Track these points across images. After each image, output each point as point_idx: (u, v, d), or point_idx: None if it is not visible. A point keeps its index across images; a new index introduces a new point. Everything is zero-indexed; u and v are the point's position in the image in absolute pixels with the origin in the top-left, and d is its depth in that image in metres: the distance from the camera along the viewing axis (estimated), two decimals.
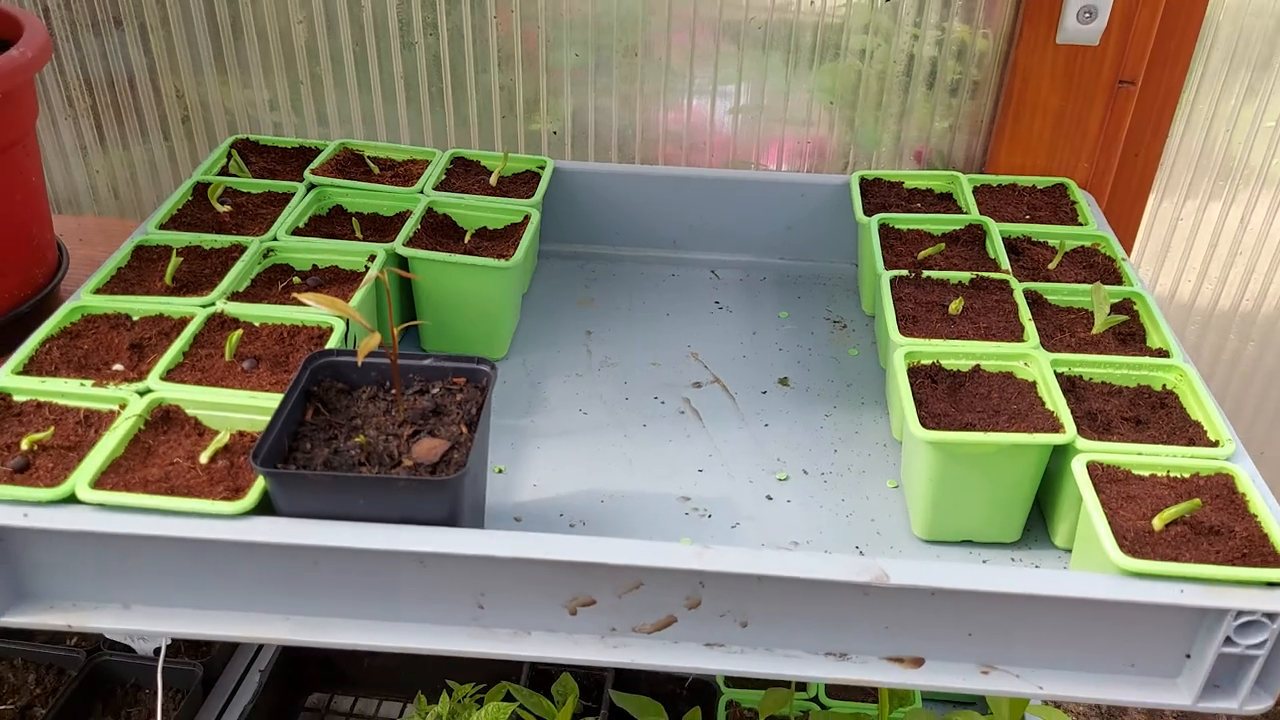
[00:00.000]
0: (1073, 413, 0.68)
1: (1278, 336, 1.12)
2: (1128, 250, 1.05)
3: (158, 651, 1.05)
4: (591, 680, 1.07)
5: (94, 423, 0.66)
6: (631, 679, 1.06)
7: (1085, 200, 0.92)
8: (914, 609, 0.59)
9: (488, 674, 1.06)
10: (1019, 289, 0.78)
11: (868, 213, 0.89)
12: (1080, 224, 0.88)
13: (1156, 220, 1.07)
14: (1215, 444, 0.65)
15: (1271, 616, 0.55)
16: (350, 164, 0.96)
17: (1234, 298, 1.11)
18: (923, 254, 0.83)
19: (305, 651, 1.14)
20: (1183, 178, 1.04)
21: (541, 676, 1.06)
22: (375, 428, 0.62)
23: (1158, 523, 0.59)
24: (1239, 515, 0.60)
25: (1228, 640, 0.56)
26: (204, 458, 0.62)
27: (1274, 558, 0.57)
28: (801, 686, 1.05)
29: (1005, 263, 0.81)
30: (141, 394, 0.67)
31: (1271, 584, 0.56)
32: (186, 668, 1.06)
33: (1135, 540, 0.58)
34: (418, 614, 0.61)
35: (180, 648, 1.10)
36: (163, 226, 0.85)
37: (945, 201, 0.92)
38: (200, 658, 1.07)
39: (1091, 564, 0.61)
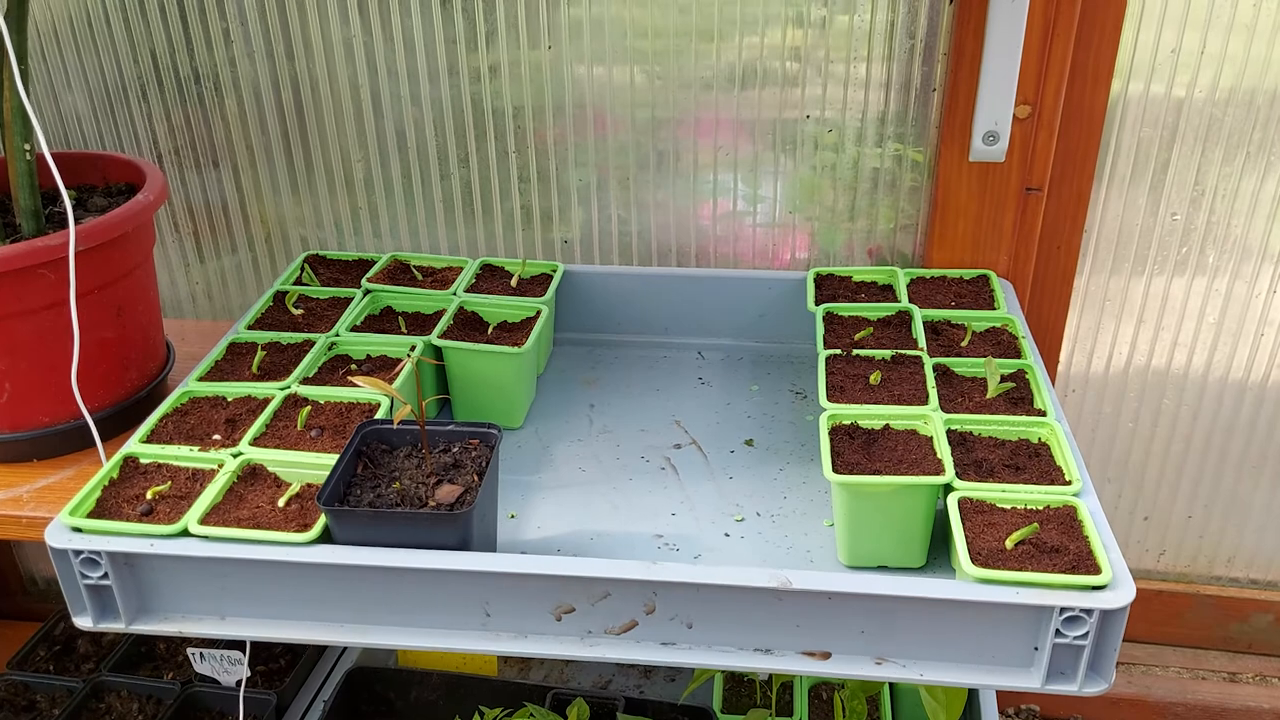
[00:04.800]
0: (962, 461, 0.85)
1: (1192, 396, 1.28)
2: (1061, 326, 1.22)
3: (239, 683, 1.24)
4: (604, 709, 1.23)
5: (200, 478, 0.86)
6: (639, 706, 1.22)
7: (1002, 288, 1.09)
8: (818, 611, 0.75)
9: (514, 702, 1.24)
10: (929, 363, 0.95)
11: (818, 302, 1.08)
12: (995, 309, 1.06)
13: (1088, 298, 1.24)
14: (1069, 483, 0.81)
15: (1089, 612, 0.71)
16: (399, 272, 1.17)
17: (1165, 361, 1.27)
18: (857, 336, 1.01)
19: (361, 687, 1.32)
20: (1105, 262, 1.21)
21: (561, 705, 1.23)
22: (409, 477, 0.82)
23: (1009, 543, 0.76)
24: (1075, 538, 0.76)
25: (1058, 633, 0.72)
26: (281, 502, 0.82)
27: (1095, 568, 0.73)
28: (788, 711, 1.20)
29: (923, 342, 0.99)
30: (235, 456, 0.87)
31: (1091, 587, 0.72)
32: (263, 697, 1.24)
33: (989, 556, 0.75)
34: (439, 621, 0.80)
35: (257, 679, 1.29)
36: (250, 327, 1.06)
37: (886, 292, 1.11)
38: (274, 688, 1.26)
39: (962, 577, 0.77)
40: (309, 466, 0.85)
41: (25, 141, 0.95)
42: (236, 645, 1.26)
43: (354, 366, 1.01)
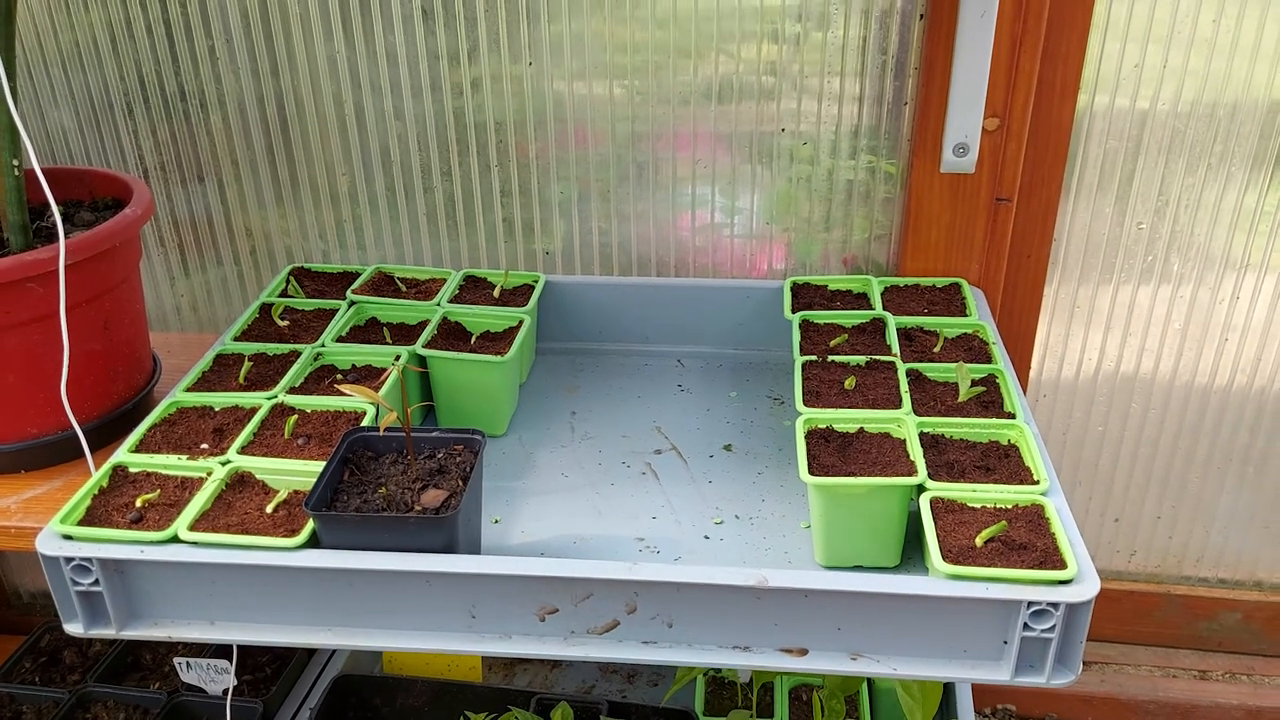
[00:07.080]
0: (935, 463, 0.87)
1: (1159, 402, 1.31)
2: (1032, 333, 1.25)
3: (225, 692, 1.25)
4: (588, 713, 1.25)
5: (188, 486, 0.87)
6: (622, 710, 1.24)
7: (974, 296, 1.12)
8: (794, 608, 0.77)
9: (499, 707, 1.25)
10: (902, 368, 0.98)
11: (795, 310, 1.10)
12: (967, 315, 1.08)
13: (1058, 305, 1.27)
14: (1036, 483, 0.84)
15: (1055, 606, 0.74)
16: (383, 284, 1.19)
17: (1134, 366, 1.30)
18: (833, 342, 1.04)
19: (348, 694, 1.33)
20: (1074, 270, 1.25)
21: (545, 709, 1.25)
22: (394, 483, 0.83)
23: (979, 541, 0.78)
24: (1042, 535, 0.79)
25: (1026, 626, 0.75)
26: (269, 509, 0.84)
27: (1061, 564, 0.75)
28: (769, 712, 1.22)
29: (896, 348, 1.01)
30: (223, 464, 0.88)
31: (1057, 582, 0.75)
32: (249, 705, 1.25)
33: (959, 553, 0.77)
34: (426, 622, 0.81)
35: (243, 688, 1.30)
36: (237, 339, 1.07)
37: (860, 300, 1.13)
38: (260, 696, 1.27)
39: (934, 574, 0.79)
40: (296, 474, 0.87)
41: (14, 157, 0.97)
42: (223, 654, 1.27)
43: (340, 376, 1.02)
